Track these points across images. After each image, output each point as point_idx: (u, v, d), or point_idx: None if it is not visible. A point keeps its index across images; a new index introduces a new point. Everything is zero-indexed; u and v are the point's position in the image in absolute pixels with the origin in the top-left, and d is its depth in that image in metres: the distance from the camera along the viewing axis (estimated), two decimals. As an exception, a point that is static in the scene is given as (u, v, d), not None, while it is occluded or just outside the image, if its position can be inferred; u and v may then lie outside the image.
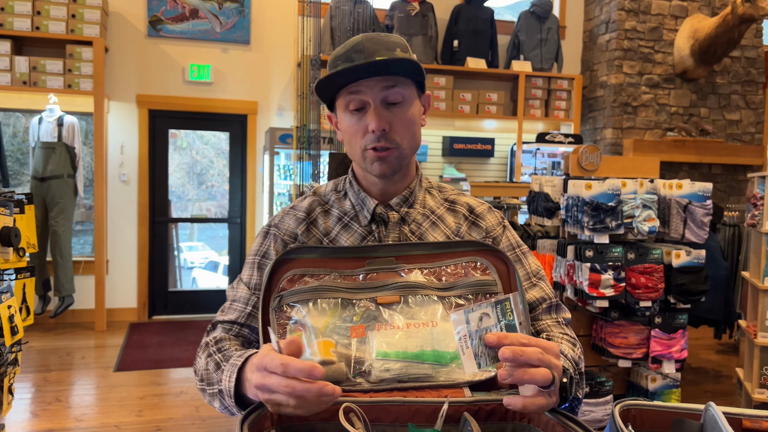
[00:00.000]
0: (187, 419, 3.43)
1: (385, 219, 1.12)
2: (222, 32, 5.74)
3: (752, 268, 3.47)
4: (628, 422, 0.85)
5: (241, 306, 1.09)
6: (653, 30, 6.06)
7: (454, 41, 5.98)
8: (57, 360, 4.43)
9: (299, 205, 1.17)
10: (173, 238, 6.21)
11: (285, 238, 1.13)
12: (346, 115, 1.08)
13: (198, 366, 1.02)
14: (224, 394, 0.92)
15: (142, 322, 5.63)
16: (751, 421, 0.85)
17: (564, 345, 1.03)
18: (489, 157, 6.21)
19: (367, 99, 1.05)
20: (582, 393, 1.00)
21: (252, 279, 1.12)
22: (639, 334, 3.17)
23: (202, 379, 1.00)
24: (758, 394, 3.28)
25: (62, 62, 5.12)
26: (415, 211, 1.14)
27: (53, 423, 3.32)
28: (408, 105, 1.08)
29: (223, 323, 1.09)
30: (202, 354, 1.03)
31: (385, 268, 1.02)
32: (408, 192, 1.14)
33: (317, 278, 1.00)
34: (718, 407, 0.81)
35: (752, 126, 6.38)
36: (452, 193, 1.22)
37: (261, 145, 5.93)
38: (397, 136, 1.07)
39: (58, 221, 5.09)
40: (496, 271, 1.03)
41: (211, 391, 0.97)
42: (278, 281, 1.00)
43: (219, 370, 0.95)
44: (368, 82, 1.04)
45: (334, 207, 1.16)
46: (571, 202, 3.13)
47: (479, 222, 1.17)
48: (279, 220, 1.16)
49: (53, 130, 5.14)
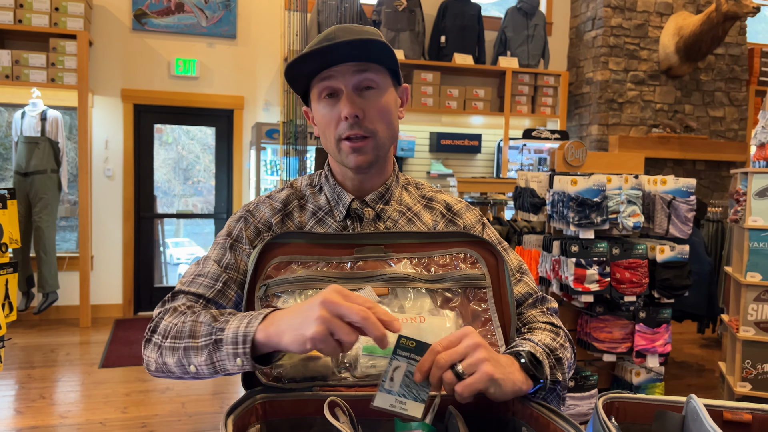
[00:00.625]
0: (173, 415, 3.42)
1: (360, 215, 1.11)
2: (208, 26, 5.70)
3: (735, 263, 3.51)
4: (612, 415, 0.86)
5: (209, 282, 1.04)
6: (639, 27, 6.10)
7: (441, 37, 5.98)
8: (41, 357, 4.39)
9: (276, 195, 1.15)
10: (159, 233, 6.16)
11: (259, 225, 1.11)
12: (320, 104, 1.06)
13: (164, 326, 0.95)
14: (225, 342, 0.86)
15: (128, 318, 5.59)
16: (731, 413, 0.86)
17: (542, 334, 1.02)
18: (476, 153, 6.23)
19: (339, 85, 1.03)
20: (564, 378, 0.98)
21: (224, 258, 1.07)
22: (623, 328, 3.20)
23: (177, 335, 0.92)
24: (740, 387, 3.33)
25: (45, 56, 5.06)
26: (391, 207, 1.13)
27: (37, 420, 3.30)
28: (382, 92, 1.06)
29: (187, 294, 1.03)
30: (169, 317, 0.96)
31: (374, 256, 1.01)
32: (384, 188, 1.13)
33: (305, 266, 0.99)
34: (700, 399, 0.82)
35: (735, 123, 6.45)
36: (430, 190, 1.20)
37: (247, 140, 5.90)
38: (372, 123, 1.04)
39: (42, 217, 5.04)
40: (485, 263, 1.03)
41: (194, 345, 0.90)
42: (264, 268, 0.99)
43: (217, 321, 0.90)
44: (340, 68, 1.02)
45: (309, 201, 1.14)
46: (557, 197, 3.15)
47: (456, 220, 1.16)
48: (254, 207, 1.13)
49: (36, 124, 5.08)
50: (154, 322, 0.98)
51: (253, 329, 0.84)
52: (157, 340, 0.95)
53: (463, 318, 0.98)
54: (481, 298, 1.00)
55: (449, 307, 0.99)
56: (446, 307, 0.98)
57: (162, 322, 0.96)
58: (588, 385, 3.16)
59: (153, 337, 0.96)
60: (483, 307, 1.00)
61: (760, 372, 3.31)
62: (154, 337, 0.96)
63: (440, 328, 0.95)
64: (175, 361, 0.92)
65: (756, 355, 3.31)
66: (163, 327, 0.95)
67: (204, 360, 0.89)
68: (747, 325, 3.30)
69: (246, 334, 0.84)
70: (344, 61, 1.02)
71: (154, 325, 0.97)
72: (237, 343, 0.85)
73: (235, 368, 0.86)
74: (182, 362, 0.91)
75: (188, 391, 3.78)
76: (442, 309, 0.98)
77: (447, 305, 0.99)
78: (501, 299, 1.01)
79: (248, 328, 0.84)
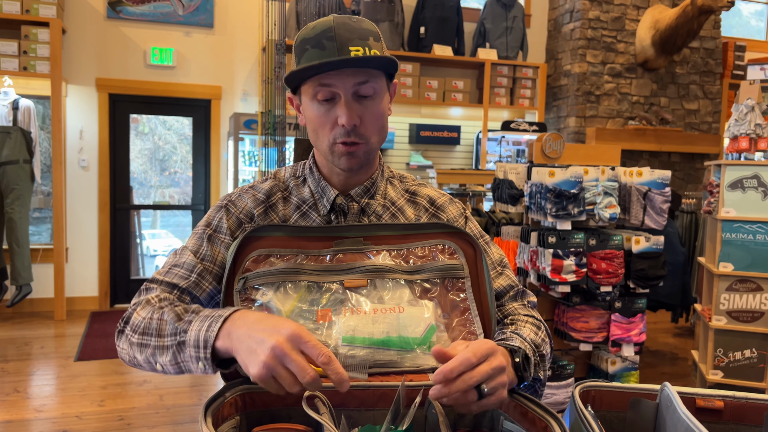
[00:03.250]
0: (150, 408, 3.39)
1: (344, 210, 1.10)
2: (185, 15, 5.62)
3: (708, 254, 3.58)
4: (588, 403, 0.87)
5: (184, 272, 1.04)
6: (616, 20, 6.15)
7: (420, 28, 5.97)
8: (15, 350, 4.32)
9: (260, 186, 1.14)
10: (135, 225, 6.08)
11: (241, 216, 1.09)
12: (313, 104, 1.04)
13: (134, 320, 0.95)
14: (188, 345, 0.85)
15: (104, 311, 5.52)
16: (704, 400, 0.88)
17: (526, 328, 1.03)
18: (455, 144, 6.25)
19: (338, 91, 1.01)
20: (544, 375, 1.00)
21: (201, 249, 1.06)
22: (599, 318, 3.24)
23: (145, 332, 0.92)
24: (712, 375, 3.40)
25: (17, 44, 4.95)
26: (375, 202, 1.12)
27: (11, 414, 3.25)
28: (379, 98, 1.05)
29: (161, 284, 1.02)
30: (140, 310, 0.96)
31: (353, 249, 1.01)
32: (370, 182, 1.12)
33: (283, 259, 0.99)
34: (673, 387, 0.84)
35: (709, 115, 6.55)
36: (413, 184, 1.20)
37: (225, 130, 5.84)
38: (367, 130, 1.04)
39: (14, 208, 4.94)
40: (464, 254, 1.03)
41: (160, 344, 0.89)
42: (243, 261, 0.98)
43: (181, 320, 0.89)
44: (340, 74, 1.00)
45: (293, 194, 1.13)
46: (535, 189, 3.18)
47: (440, 214, 1.16)
48: (237, 197, 1.12)
49: (8, 114, 4.97)
50: (128, 314, 0.98)
51: (213, 334, 0.83)
52: (128, 332, 0.95)
53: (442, 308, 0.99)
54: (460, 288, 1.01)
55: (428, 297, 0.99)
56: (425, 298, 0.99)
57: (134, 315, 0.96)
58: (565, 375, 3.21)
59: (125, 329, 0.97)
60: (461, 296, 1.00)
61: (731, 360, 3.38)
62: (126, 329, 0.96)
63: (419, 319, 0.96)
64: (143, 358, 0.92)
65: (728, 343, 3.38)
66: (134, 320, 0.95)
67: (169, 360, 0.89)
68: (719, 314, 3.37)
69: (207, 339, 0.84)
70: (346, 67, 1.00)
71: (128, 316, 0.98)
72: (198, 347, 0.84)
73: (198, 371, 0.86)
74: (149, 360, 0.92)
75: (166, 384, 3.75)
76: (421, 299, 0.98)
77: (426, 296, 0.99)
78: (479, 289, 1.01)
79: (208, 333, 0.84)
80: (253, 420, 0.87)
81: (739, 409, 0.87)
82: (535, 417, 0.81)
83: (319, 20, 1.03)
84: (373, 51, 1.00)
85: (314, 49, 0.99)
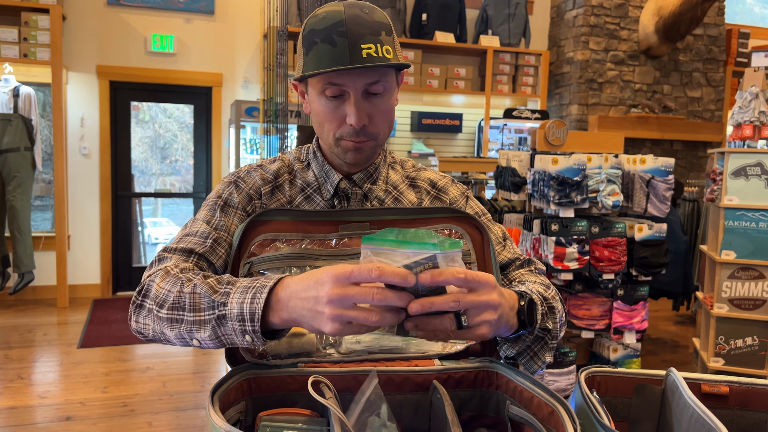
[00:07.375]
0: (153, 395, 3.41)
1: (348, 194, 1.10)
2: (185, 2, 5.58)
3: (710, 242, 3.57)
4: (593, 388, 0.87)
5: (199, 240, 1.00)
6: (619, 6, 6.11)
7: (422, 14, 5.93)
8: (18, 337, 4.34)
9: (268, 166, 1.13)
10: (137, 213, 6.09)
11: (250, 192, 1.08)
12: (321, 98, 1.01)
13: (157, 292, 0.89)
14: (230, 318, 0.81)
15: (106, 298, 5.54)
16: (709, 385, 0.88)
17: (535, 284, 1.01)
18: (457, 132, 6.22)
19: (348, 89, 0.99)
20: (554, 327, 0.96)
21: (214, 219, 1.04)
22: (602, 306, 3.25)
23: (176, 307, 0.86)
24: (713, 362, 3.41)
25: (17, 30, 4.92)
26: (378, 187, 1.12)
27: (16, 400, 3.27)
28: (389, 95, 1.03)
29: (176, 251, 0.98)
30: (161, 281, 0.89)
31: (359, 233, 1.00)
32: (372, 167, 1.12)
33: (289, 244, 0.98)
34: (679, 373, 0.84)
35: (712, 103, 6.52)
36: (413, 169, 1.19)
37: (226, 118, 5.82)
38: (376, 128, 1.03)
39: (16, 195, 4.95)
40: (470, 239, 1.03)
41: (196, 319, 0.84)
42: (248, 245, 0.98)
43: (216, 293, 0.84)
44: (351, 74, 0.97)
45: (298, 176, 1.13)
46: (538, 176, 3.17)
47: (442, 196, 1.15)
48: (246, 174, 1.11)
49: (9, 101, 4.96)
50: (145, 285, 0.92)
51: (259, 307, 0.79)
52: (150, 306, 0.89)
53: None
54: (466, 273, 1.00)
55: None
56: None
57: (153, 286, 0.90)
58: (567, 362, 3.22)
59: (145, 303, 0.90)
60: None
61: (732, 347, 3.39)
62: (147, 302, 0.90)
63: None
64: (175, 334, 0.86)
65: (729, 331, 3.38)
66: (155, 292, 0.89)
67: (208, 335, 0.84)
68: (721, 302, 3.37)
69: (253, 312, 0.79)
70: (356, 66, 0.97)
71: (145, 288, 0.91)
72: (244, 321, 0.80)
73: (244, 343, 0.82)
74: (183, 336, 0.86)
75: (169, 371, 3.77)
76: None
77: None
78: (486, 274, 1.01)
79: (254, 305, 0.80)
80: (259, 404, 0.88)
81: (745, 394, 0.88)
82: (542, 402, 0.81)
83: (329, 7, 0.99)
84: (386, 47, 0.97)
85: (324, 44, 0.96)
